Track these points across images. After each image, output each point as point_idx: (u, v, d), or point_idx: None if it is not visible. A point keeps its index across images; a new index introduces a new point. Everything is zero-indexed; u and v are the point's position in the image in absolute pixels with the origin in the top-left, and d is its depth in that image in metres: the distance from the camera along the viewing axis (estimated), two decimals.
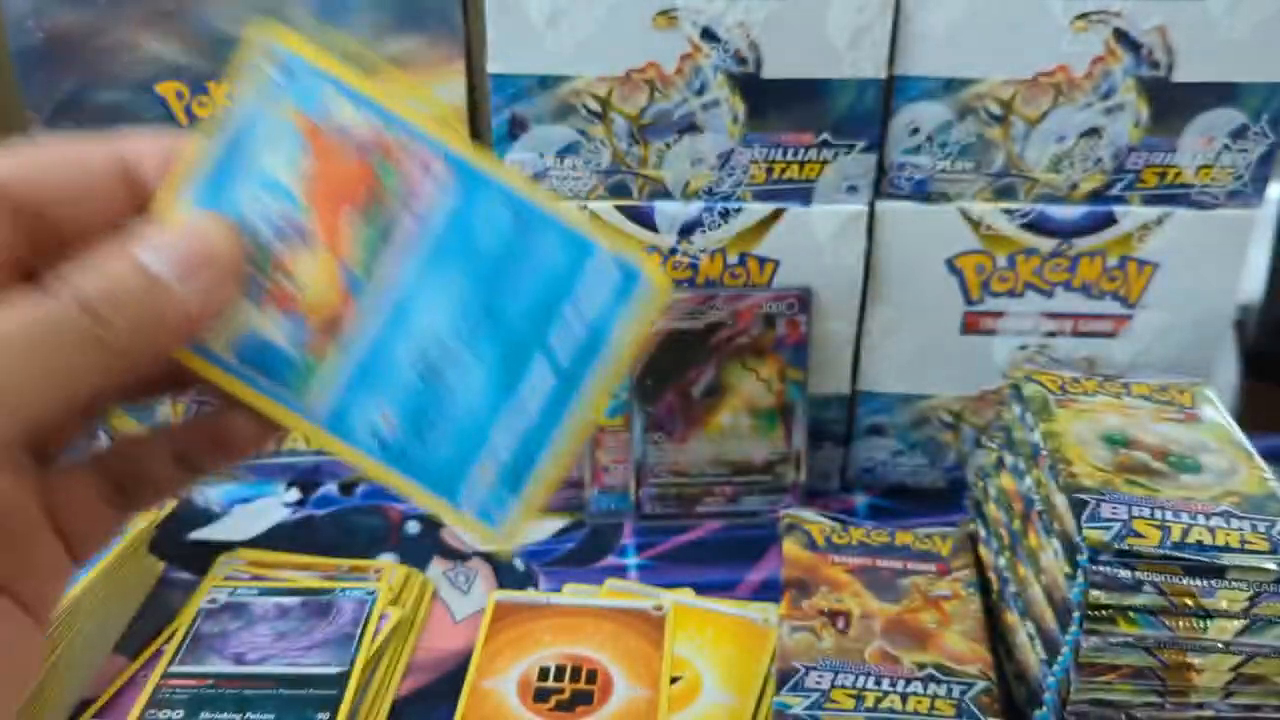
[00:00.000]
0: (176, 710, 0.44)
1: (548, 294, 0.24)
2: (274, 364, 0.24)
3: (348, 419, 0.25)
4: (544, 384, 0.25)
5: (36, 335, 0.20)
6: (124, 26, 0.50)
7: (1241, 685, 0.39)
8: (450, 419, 0.25)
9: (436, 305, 0.24)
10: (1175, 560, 0.38)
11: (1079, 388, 0.49)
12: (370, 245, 0.24)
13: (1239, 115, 0.52)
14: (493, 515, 0.25)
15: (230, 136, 0.24)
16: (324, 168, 0.24)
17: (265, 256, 0.24)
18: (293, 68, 0.24)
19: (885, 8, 0.50)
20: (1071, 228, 0.54)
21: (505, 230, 0.24)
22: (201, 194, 0.24)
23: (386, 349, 0.24)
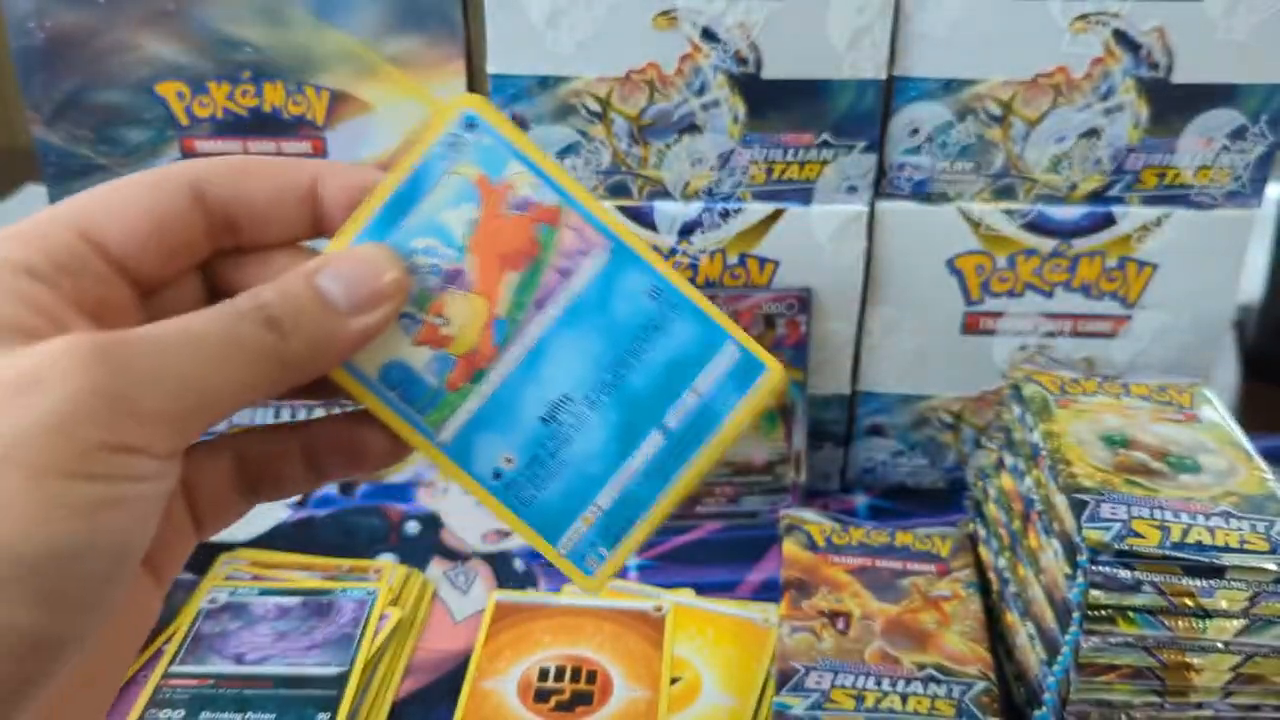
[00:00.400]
0: (177, 710, 0.44)
1: (674, 372, 0.27)
2: (414, 391, 0.27)
3: (472, 451, 0.27)
4: (654, 450, 0.27)
5: (227, 341, 0.22)
6: (125, 27, 0.50)
7: (1241, 685, 0.39)
8: (564, 468, 0.27)
9: (570, 363, 0.27)
10: (1175, 560, 0.38)
11: (1078, 388, 0.49)
12: (520, 299, 0.27)
13: (1238, 116, 0.52)
14: (587, 562, 0.28)
15: (410, 179, 0.27)
16: (491, 225, 0.27)
17: (425, 296, 0.27)
18: (483, 132, 0.27)
19: (885, 8, 0.50)
20: (1071, 228, 0.54)
21: (646, 307, 0.27)
22: (377, 228, 0.26)
23: (518, 394, 0.27)
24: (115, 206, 0.24)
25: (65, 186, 0.52)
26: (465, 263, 0.26)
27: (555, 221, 0.27)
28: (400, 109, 0.52)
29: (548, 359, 0.27)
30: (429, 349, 0.27)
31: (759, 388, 0.27)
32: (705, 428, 0.27)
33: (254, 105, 0.51)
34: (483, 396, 0.27)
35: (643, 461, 0.27)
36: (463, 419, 0.27)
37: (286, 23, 0.50)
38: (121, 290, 0.24)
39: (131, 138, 0.52)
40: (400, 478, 0.59)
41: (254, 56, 0.51)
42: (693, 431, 0.27)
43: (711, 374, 0.27)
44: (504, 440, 0.27)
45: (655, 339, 0.27)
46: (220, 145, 0.52)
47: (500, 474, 0.27)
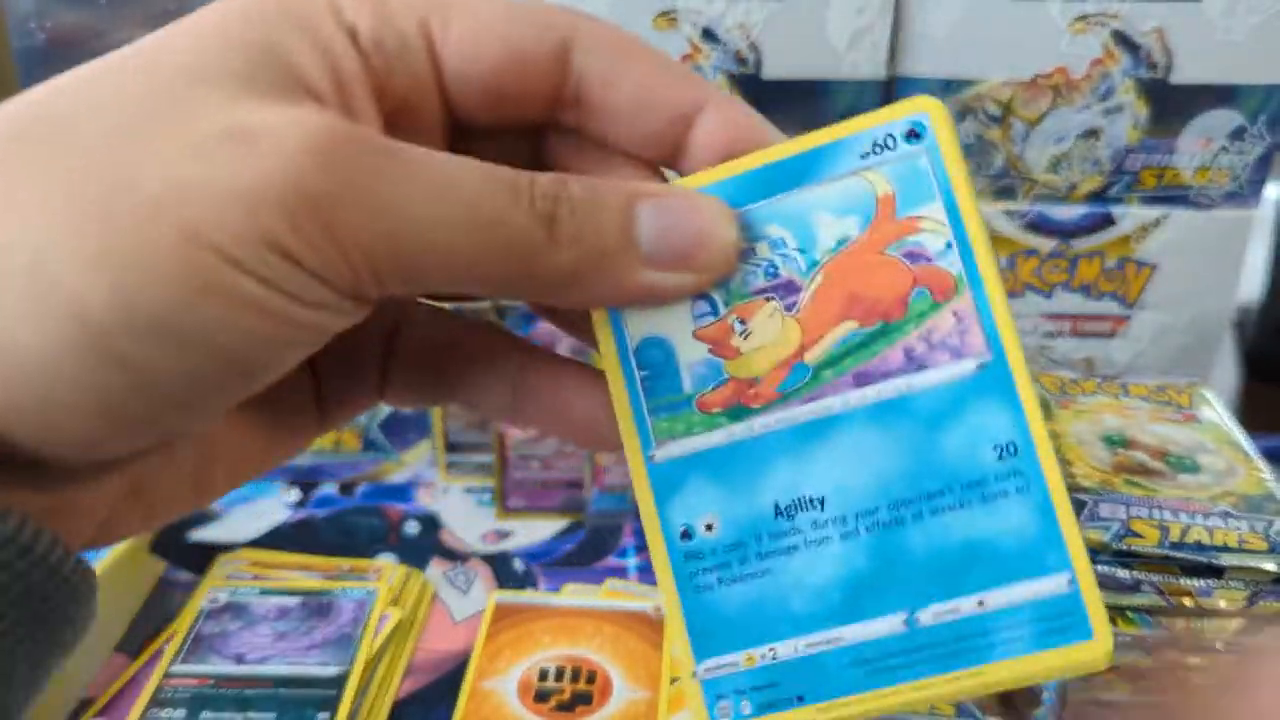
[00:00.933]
0: (178, 710, 0.44)
1: (970, 560, 0.20)
2: (661, 385, 0.21)
3: (676, 489, 0.21)
4: (884, 634, 0.20)
5: (490, 211, 0.18)
6: (125, 27, 0.50)
7: None
8: (767, 581, 0.21)
9: (852, 466, 0.20)
10: (1173, 560, 0.38)
11: (1078, 388, 0.49)
12: (843, 356, 0.20)
13: (1237, 116, 0.52)
14: (719, 707, 0.21)
15: (807, 155, 0.21)
16: (864, 257, 0.20)
17: (739, 290, 0.21)
18: (924, 149, 0.20)
19: (885, 8, 0.50)
20: (1070, 228, 0.54)
21: (984, 461, 0.20)
22: (739, 187, 0.21)
23: (770, 461, 0.21)
24: (471, 14, 0.20)
25: None
26: (808, 279, 0.21)
27: (943, 296, 0.20)
28: None
29: (829, 444, 0.20)
30: (707, 349, 0.21)
31: (1066, 655, 0.19)
32: (963, 655, 0.19)
33: None
34: (730, 437, 0.21)
35: (861, 639, 0.20)
36: (690, 447, 0.21)
37: None
38: (432, 108, 0.20)
39: None
40: (400, 478, 0.59)
41: None
42: (944, 648, 0.20)
43: (1015, 595, 0.19)
44: (720, 501, 0.21)
45: (972, 506, 0.20)
46: None
47: (691, 535, 0.21)
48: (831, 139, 0.21)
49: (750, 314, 0.21)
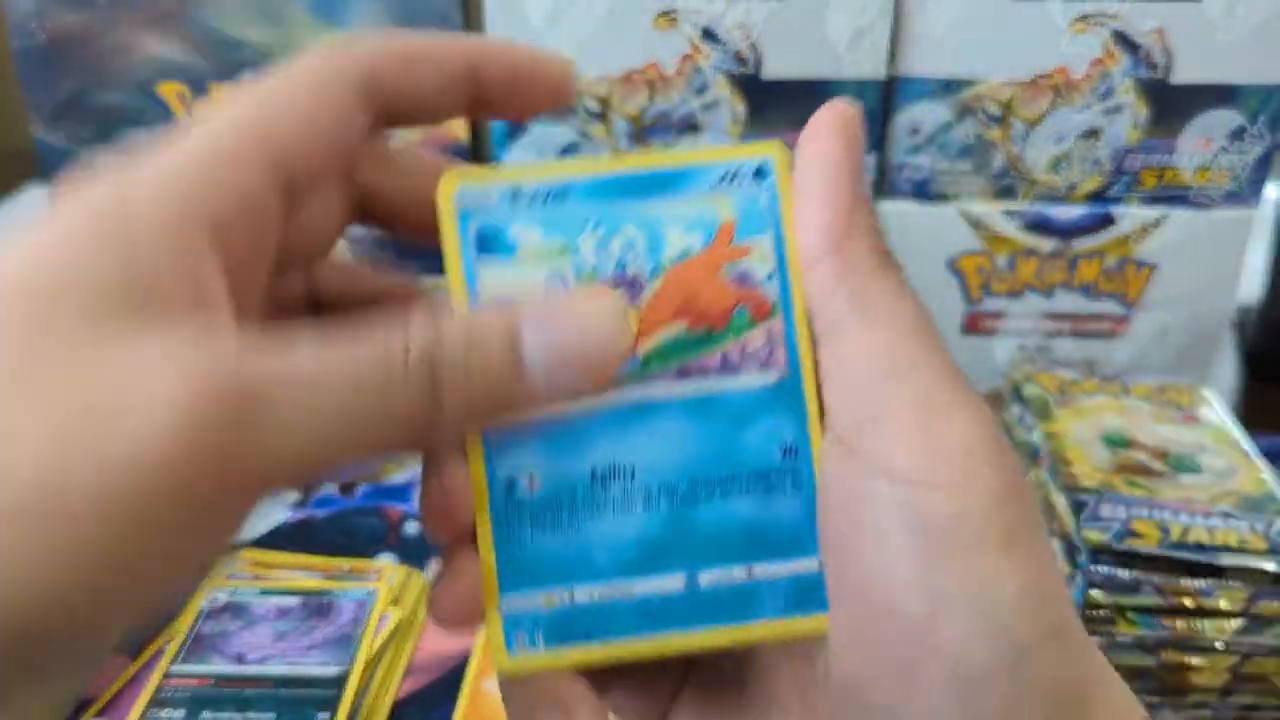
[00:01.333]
0: (178, 709, 0.44)
1: (746, 537, 0.23)
2: None
3: (506, 446, 0.23)
4: (667, 590, 0.23)
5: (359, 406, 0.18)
6: (125, 28, 0.50)
7: (1239, 684, 0.39)
8: (573, 535, 0.23)
9: (662, 446, 0.23)
10: (1174, 560, 0.38)
11: (1078, 388, 0.49)
12: (669, 353, 0.23)
13: (1237, 116, 0.52)
14: (516, 637, 0.23)
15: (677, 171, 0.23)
16: (699, 273, 0.23)
17: (593, 277, 0.23)
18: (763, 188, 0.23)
19: (885, 8, 0.50)
20: (1071, 228, 0.54)
21: (771, 458, 0.23)
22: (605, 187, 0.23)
23: (592, 436, 0.23)
24: (297, 128, 0.20)
25: None
26: (650, 280, 0.23)
27: (760, 316, 0.23)
28: None
29: (646, 425, 0.23)
30: None
31: (803, 623, 0.23)
32: (728, 614, 0.23)
33: None
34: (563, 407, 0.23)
35: (647, 592, 0.23)
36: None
37: (286, 23, 0.50)
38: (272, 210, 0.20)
39: (132, 138, 0.52)
40: (400, 478, 0.59)
41: (254, 56, 0.51)
42: (716, 606, 0.23)
43: (776, 571, 0.23)
44: (545, 461, 0.23)
45: (754, 494, 0.23)
46: None
47: (513, 487, 0.23)
48: (695, 162, 0.23)
49: None
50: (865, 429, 0.21)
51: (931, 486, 0.20)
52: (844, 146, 0.22)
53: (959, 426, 0.20)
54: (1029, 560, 0.20)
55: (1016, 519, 0.20)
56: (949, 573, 0.19)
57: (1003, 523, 0.20)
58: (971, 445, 0.20)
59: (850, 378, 0.21)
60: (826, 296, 0.22)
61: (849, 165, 0.22)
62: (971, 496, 0.20)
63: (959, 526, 0.20)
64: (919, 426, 0.20)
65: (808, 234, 0.22)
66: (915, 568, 0.20)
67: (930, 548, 0.20)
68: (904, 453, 0.20)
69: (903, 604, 0.20)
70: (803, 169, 0.22)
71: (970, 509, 0.20)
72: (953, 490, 0.20)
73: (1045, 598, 0.20)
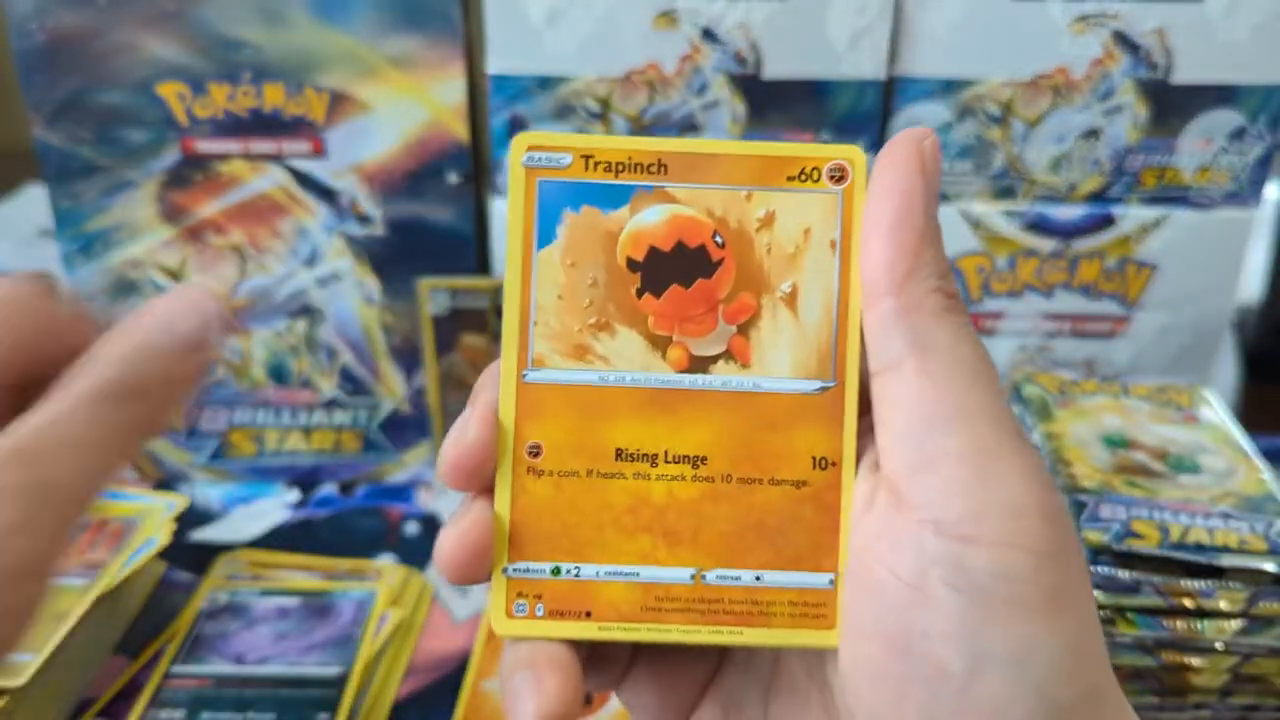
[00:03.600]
0: (178, 710, 0.44)
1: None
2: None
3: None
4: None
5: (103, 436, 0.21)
6: (125, 28, 0.50)
7: (1239, 685, 0.39)
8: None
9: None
10: (1174, 561, 0.38)
11: (1078, 389, 0.49)
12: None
13: (1237, 117, 0.52)
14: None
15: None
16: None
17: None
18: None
19: (885, 8, 0.50)
20: (1071, 229, 0.54)
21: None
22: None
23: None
24: None
25: (65, 187, 0.52)
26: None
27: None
28: (399, 109, 0.52)
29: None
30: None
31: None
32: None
33: (254, 105, 0.52)
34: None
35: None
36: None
37: (286, 23, 0.50)
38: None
39: (132, 138, 0.52)
40: (400, 478, 0.59)
41: (254, 57, 0.51)
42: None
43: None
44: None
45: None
46: (220, 145, 0.52)
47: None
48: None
49: None
50: (915, 477, 0.21)
51: (978, 543, 0.20)
52: (920, 178, 0.22)
53: (1009, 482, 0.20)
54: (1072, 621, 0.20)
55: (1061, 578, 0.20)
56: (991, 632, 0.19)
57: (1047, 582, 0.20)
58: (1021, 502, 0.20)
59: (904, 421, 0.21)
60: (885, 334, 0.21)
61: (922, 200, 0.22)
62: (1017, 555, 0.20)
63: (1003, 586, 0.19)
64: (969, 480, 0.20)
65: (874, 269, 0.22)
66: (957, 624, 0.20)
67: (973, 605, 0.20)
68: (952, 506, 0.20)
69: (942, 659, 0.20)
70: (875, 198, 0.22)
71: (1015, 568, 0.19)
72: (999, 548, 0.20)
73: (1085, 660, 0.20)
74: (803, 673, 0.24)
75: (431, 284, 0.54)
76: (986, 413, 0.21)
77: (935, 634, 0.20)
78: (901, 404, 0.21)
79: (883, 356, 0.22)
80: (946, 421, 0.21)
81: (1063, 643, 0.19)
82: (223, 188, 0.53)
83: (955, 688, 0.20)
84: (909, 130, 0.23)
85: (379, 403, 0.58)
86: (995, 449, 0.20)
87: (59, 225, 0.53)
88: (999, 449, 0.20)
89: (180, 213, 0.53)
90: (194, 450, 0.58)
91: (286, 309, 0.55)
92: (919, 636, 0.20)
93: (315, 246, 0.54)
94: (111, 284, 0.54)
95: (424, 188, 0.53)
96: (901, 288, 0.21)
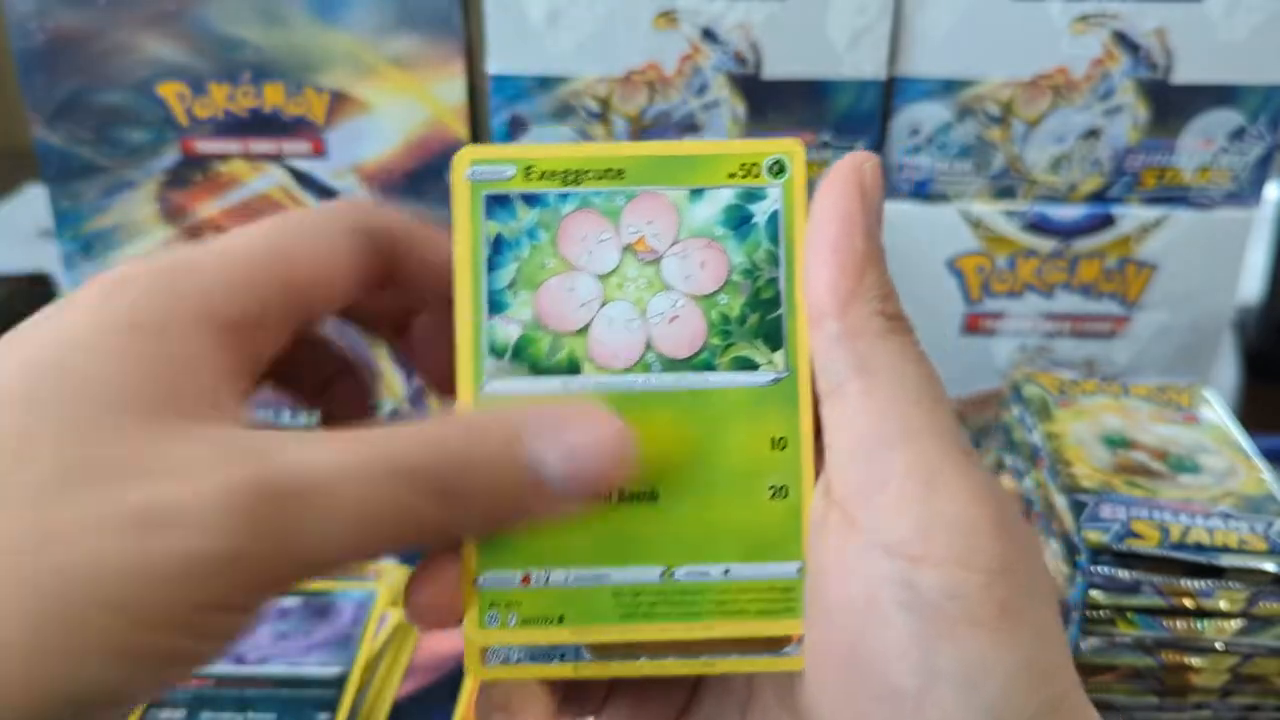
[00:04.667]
0: (178, 710, 0.44)
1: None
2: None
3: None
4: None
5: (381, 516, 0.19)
6: (125, 28, 0.50)
7: (1239, 685, 0.39)
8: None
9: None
10: (1174, 561, 0.38)
11: (1078, 389, 0.49)
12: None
13: (1237, 117, 0.52)
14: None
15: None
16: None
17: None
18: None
19: (885, 8, 0.50)
20: (1071, 229, 0.54)
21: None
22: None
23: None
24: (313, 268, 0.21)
25: (65, 187, 0.52)
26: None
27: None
28: (400, 109, 0.52)
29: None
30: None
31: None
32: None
33: (254, 105, 0.52)
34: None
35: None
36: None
37: (286, 23, 0.50)
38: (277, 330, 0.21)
39: (132, 138, 0.52)
40: None
41: (254, 56, 0.51)
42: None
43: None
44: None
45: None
46: (220, 145, 0.52)
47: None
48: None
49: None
50: (864, 498, 0.21)
51: (927, 561, 0.20)
52: (860, 199, 0.22)
53: (957, 498, 0.20)
54: (1026, 636, 0.20)
55: (1013, 593, 0.20)
56: (941, 650, 0.19)
57: (998, 598, 0.19)
58: (972, 519, 0.20)
59: (850, 443, 0.21)
60: (829, 357, 0.21)
61: (863, 221, 0.22)
62: (968, 573, 0.19)
63: (954, 604, 0.19)
64: (918, 499, 0.20)
65: (816, 290, 0.22)
66: (909, 643, 0.20)
67: (924, 624, 0.19)
68: (902, 526, 0.20)
69: (895, 678, 0.20)
70: (816, 218, 0.22)
71: (965, 585, 0.19)
72: (949, 566, 0.20)
73: (1041, 674, 0.20)
74: (774, 698, 0.24)
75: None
76: (932, 430, 0.21)
77: (888, 654, 0.20)
78: (847, 426, 0.21)
79: (828, 380, 0.22)
80: (891, 441, 0.20)
81: (1016, 658, 0.19)
82: (223, 188, 0.53)
83: (910, 707, 0.19)
84: (851, 154, 0.23)
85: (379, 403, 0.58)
86: (941, 466, 0.20)
87: (59, 225, 0.53)
88: (945, 466, 0.20)
89: (180, 213, 0.53)
90: None
91: None
92: (873, 656, 0.20)
93: None
94: None
95: (424, 188, 0.53)
96: (843, 311, 0.21)
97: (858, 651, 0.20)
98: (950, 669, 0.19)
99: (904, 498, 0.20)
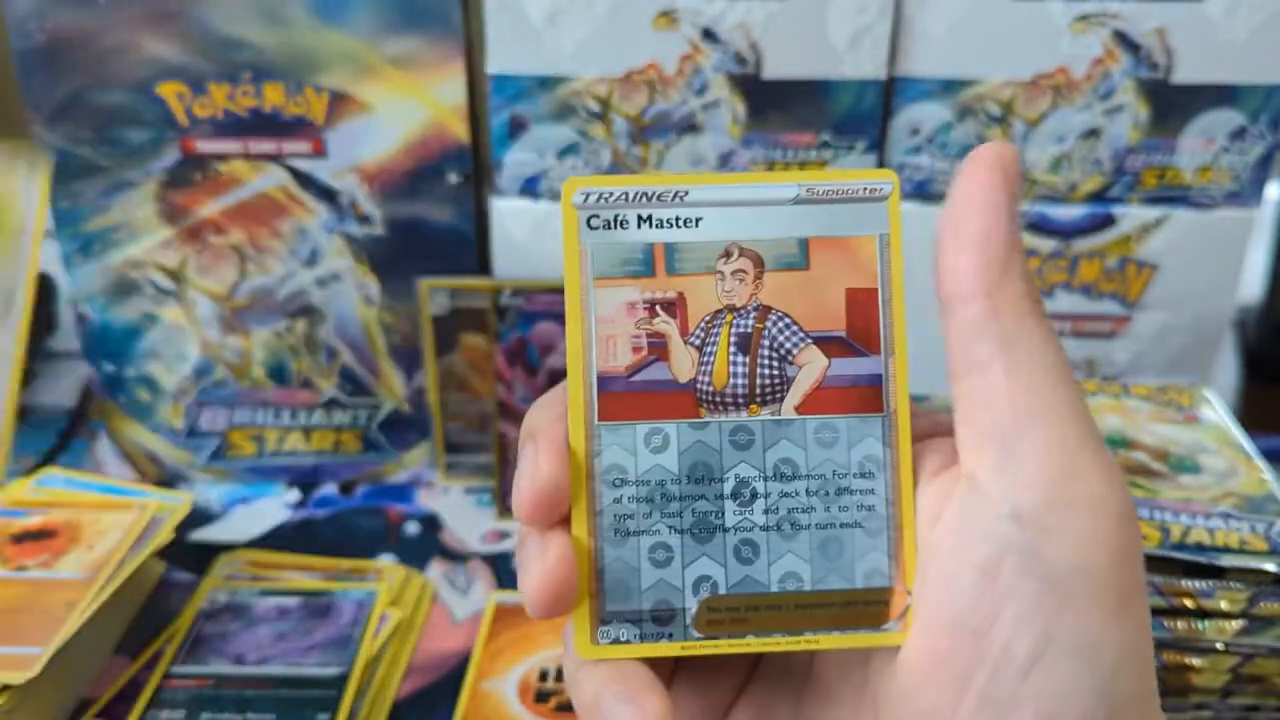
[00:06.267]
0: (177, 711, 0.44)
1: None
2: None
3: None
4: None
5: None
6: (125, 28, 0.50)
7: (1240, 686, 0.39)
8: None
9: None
10: (1174, 561, 0.38)
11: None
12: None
13: (1238, 116, 0.52)
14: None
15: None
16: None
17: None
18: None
19: (885, 8, 0.50)
20: (1071, 229, 0.54)
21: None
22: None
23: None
24: None
25: (65, 187, 0.52)
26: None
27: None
28: (400, 109, 0.52)
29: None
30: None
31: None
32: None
33: (254, 105, 0.51)
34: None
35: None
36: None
37: (286, 23, 0.50)
38: None
39: (131, 138, 0.52)
40: (400, 478, 0.59)
41: (254, 56, 0.51)
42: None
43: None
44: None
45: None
46: (220, 145, 0.52)
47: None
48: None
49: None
50: (1000, 471, 0.21)
51: (1058, 534, 0.20)
52: (1004, 187, 0.22)
53: (1092, 480, 0.21)
54: (1137, 624, 0.20)
55: (1133, 581, 0.20)
56: (1062, 621, 0.20)
57: (1120, 582, 0.20)
58: (1103, 501, 0.20)
59: (991, 420, 0.22)
60: (974, 336, 0.22)
61: (1007, 208, 0.22)
62: (1097, 552, 0.20)
63: (1080, 579, 0.20)
64: (1055, 476, 0.21)
65: (963, 274, 0.23)
66: (1029, 609, 0.20)
67: (1047, 593, 0.20)
68: (1036, 498, 0.21)
69: (1008, 641, 0.20)
70: (960, 206, 0.23)
71: (1094, 564, 0.20)
72: (1080, 543, 0.20)
73: (1143, 663, 0.20)
74: (837, 676, 0.25)
75: (431, 284, 0.54)
76: (1072, 412, 0.21)
77: (1005, 618, 0.20)
78: (989, 403, 0.22)
79: (969, 358, 0.22)
80: (1033, 419, 0.21)
81: (1129, 642, 0.20)
82: (223, 188, 0.53)
83: (1017, 671, 0.20)
84: (990, 144, 0.23)
85: (379, 403, 0.58)
86: (1079, 447, 0.21)
87: (59, 225, 0.53)
88: (1083, 447, 0.21)
89: (180, 213, 0.53)
90: (194, 450, 0.58)
91: (287, 309, 0.55)
92: (985, 623, 0.20)
93: (315, 246, 0.54)
94: (111, 284, 0.54)
95: (424, 188, 0.53)
96: (991, 293, 0.22)
97: (968, 618, 0.21)
98: (1067, 640, 0.20)
99: (1041, 473, 0.21)
